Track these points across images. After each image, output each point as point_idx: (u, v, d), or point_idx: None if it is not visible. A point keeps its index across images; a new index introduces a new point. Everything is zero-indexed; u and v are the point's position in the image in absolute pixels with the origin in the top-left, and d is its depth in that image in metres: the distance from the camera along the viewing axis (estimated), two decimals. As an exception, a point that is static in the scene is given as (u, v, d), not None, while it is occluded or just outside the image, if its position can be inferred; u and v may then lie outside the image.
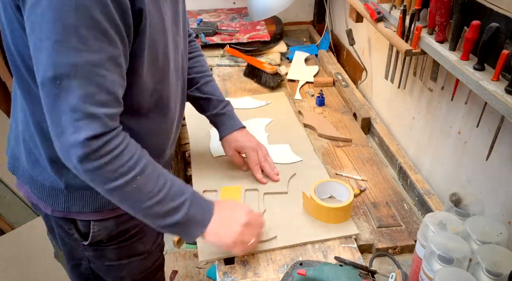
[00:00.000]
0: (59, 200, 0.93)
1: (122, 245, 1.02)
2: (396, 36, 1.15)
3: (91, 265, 1.04)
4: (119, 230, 1.00)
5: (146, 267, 1.13)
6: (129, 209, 0.84)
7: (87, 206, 0.94)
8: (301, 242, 1.03)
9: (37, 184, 0.95)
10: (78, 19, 0.68)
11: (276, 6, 1.68)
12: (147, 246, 1.09)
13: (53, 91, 0.72)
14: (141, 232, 1.05)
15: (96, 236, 0.98)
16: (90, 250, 1.01)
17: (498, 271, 0.73)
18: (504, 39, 0.83)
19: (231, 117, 1.21)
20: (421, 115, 1.27)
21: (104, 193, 0.81)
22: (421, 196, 1.16)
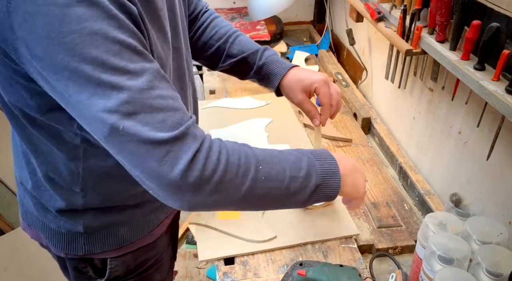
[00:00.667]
0: (78, 245, 0.86)
1: (139, 277, 0.95)
2: (396, 36, 1.15)
3: None
4: (136, 263, 0.93)
5: None
6: (272, 203, 0.74)
7: (108, 245, 0.86)
8: (301, 242, 1.03)
9: (51, 230, 0.86)
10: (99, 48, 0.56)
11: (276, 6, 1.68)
12: (163, 274, 1.03)
13: (122, 141, 0.60)
14: (159, 261, 0.98)
15: (114, 273, 0.90)
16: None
17: (498, 271, 0.73)
18: (505, 39, 0.83)
19: (277, 62, 1.01)
20: (421, 115, 1.27)
21: (241, 203, 0.70)
22: (421, 196, 1.16)
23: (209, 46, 1.03)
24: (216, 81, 1.77)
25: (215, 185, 0.64)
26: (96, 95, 0.57)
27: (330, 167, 0.76)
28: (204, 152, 0.64)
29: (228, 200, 0.67)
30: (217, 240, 1.03)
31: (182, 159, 0.61)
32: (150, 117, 0.60)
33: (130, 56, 0.59)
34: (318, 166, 0.75)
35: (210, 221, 1.07)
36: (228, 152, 0.67)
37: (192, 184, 0.62)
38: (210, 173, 0.63)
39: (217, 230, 1.05)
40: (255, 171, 0.68)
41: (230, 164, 0.66)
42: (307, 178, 0.73)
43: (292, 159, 0.73)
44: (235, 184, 0.66)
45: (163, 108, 0.61)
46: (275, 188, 0.70)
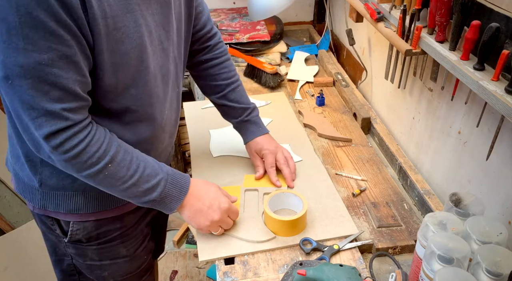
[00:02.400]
0: (36, 198, 0.95)
1: (102, 246, 1.03)
2: (396, 36, 1.15)
3: (74, 261, 1.05)
4: (98, 232, 1.00)
5: (130, 270, 1.13)
6: (107, 191, 0.88)
7: (61, 206, 0.95)
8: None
9: (19, 179, 0.97)
10: (20, 20, 0.67)
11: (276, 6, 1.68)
12: (131, 250, 1.09)
13: (7, 91, 0.74)
14: (124, 236, 1.05)
15: (75, 235, 0.99)
16: (71, 248, 1.02)
17: (498, 271, 0.73)
18: (504, 39, 0.83)
19: (255, 123, 1.22)
20: (421, 115, 1.27)
21: (78, 177, 0.85)
22: (421, 196, 1.17)
23: (213, 79, 1.18)
24: (216, 81, 1.77)
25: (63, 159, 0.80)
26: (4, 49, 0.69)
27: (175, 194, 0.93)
28: (69, 133, 0.78)
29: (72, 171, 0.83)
30: (217, 240, 1.03)
31: (45, 128, 0.75)
32: (36, 86, 0.72)
33: (44, 34, 0.69)
34: (168, 188, 0.91)
35: None
36: (91, 142, 0.81)
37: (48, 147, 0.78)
38: (64, 150, 0.78)
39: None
40: (102, 166, 0.83)
41: (84, 152, 0.80)
42: (149, 190, 0.89)
43: (147, 172, 0.89)
44: (81, 166, 0.81)
45: (52, 83, 0.73)
46: (114, 185, 0.86)
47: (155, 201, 0.91)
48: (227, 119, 1.24)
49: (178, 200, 0.94)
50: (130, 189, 0.87)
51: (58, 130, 0.77)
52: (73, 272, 1.08)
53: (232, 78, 1.20)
